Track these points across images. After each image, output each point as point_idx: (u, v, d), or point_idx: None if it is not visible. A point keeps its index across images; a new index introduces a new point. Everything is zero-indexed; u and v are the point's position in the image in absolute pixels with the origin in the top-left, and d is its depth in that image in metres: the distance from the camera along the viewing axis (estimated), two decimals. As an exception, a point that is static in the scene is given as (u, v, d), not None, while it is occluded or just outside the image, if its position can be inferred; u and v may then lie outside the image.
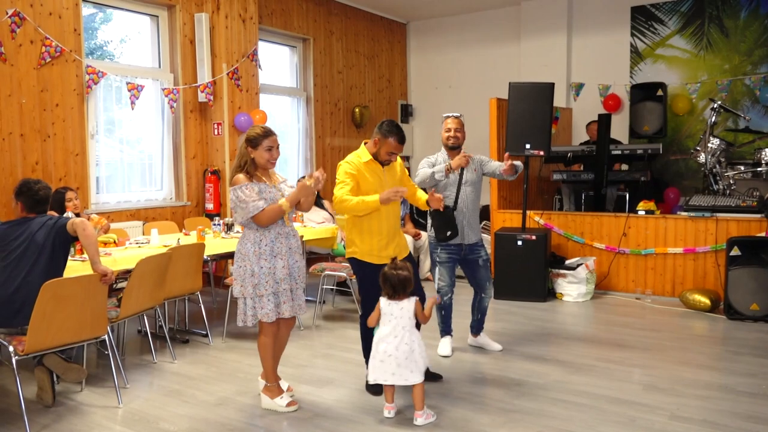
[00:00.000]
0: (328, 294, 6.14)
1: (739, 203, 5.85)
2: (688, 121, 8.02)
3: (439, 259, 4.38)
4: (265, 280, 3.41)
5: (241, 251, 3.45)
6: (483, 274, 4.47)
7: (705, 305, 5.59)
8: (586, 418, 3.40)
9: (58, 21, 5.54)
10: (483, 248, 4.47)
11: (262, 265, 3.41)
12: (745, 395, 3.69)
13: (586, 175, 7.05)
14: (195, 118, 6.73)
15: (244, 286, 3.43)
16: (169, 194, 6.72)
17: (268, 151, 3.45)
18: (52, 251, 3.61)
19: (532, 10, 8.85)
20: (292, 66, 8.49)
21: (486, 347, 4.60)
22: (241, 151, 3.48)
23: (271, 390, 3.59)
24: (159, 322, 4.83)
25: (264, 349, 3.55)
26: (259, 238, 3.43)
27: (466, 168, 4.33)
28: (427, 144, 9.96)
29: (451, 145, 4.40)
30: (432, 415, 3.39)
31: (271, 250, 3.44)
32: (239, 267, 3.45)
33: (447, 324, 4.56)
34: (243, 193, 3.35)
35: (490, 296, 4.56)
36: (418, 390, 3.36)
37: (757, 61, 7.60)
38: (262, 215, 3.36)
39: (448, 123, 4.44)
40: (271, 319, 3.45)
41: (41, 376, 3.63)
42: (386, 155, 3.69)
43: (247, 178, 3.41)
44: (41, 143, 5.45)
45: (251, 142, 3.44)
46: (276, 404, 3.54)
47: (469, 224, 4.38)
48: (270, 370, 3.59)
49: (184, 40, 6.60)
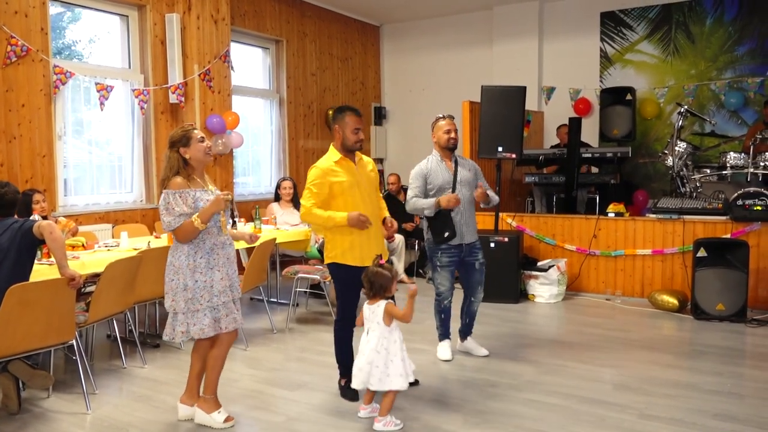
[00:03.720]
0: (301, 297, 6.11)
1: (705, 206, 5.98)
2: (656, 125, 8.19)
3: (440, 263, 4.34)
4: (200, 294, 3.19)
5: (174, 264, 3.21)
6: (477, 278, 4.43)
7: (673, 305, 5.70)
8: (558, 418, 3.43)
9: (24, 20, 5.42)
10: (480, 251, 4.43)
11: (197, 278, 3.19)
12: (711, 394, 3.77)
13: (557, 177, 7.14)
14: (166, 119, 6.64)
15: (175, 301, 3.21)
16: (139, 196, 6.62)
17: (201, 141, 3.23)
18: (18, 255, 3.52)
19: (504, 15, 8.94)
20: (264, 68, 8.44)
21: (472, 352, 4.55)
22: (168, 159, 3.20)
23: (207, 402, 3.38)
24: (129, 326, 4.75)
25: (215, 362, 3.36)
26: (194, 250, 3.20)
27: (460, 166, 4.33)
28: (401, 146, 9.99)
29: (451, 146, 4.35)
30: (395, 424, 3.30)
31: (207, 262, 3.22)
32: (171, 280, 3.22)
33: (446, 328, 4.51)
34: (174, 201, 3.12)
35: (479, 300, 4.50)
36: (386, 396, 3.29)
37: (721, 66, 7.79)
38: (179, 231, 3.13)
39: (445, 124, 4.34)
40: (207, 334, 3.25)
41: (6, 383, 3.54)
42: (353, 135, 3.61)
43: (184, 183, 3.17)
44: (6, 144, 5.32)
45: (181, 142, 3.19)
46: (212, 419, 3.35)
47: (467, 223, 4.34)
48: (213, 382, 3.38)
49: (155, 40, 6.51)
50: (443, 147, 4.36)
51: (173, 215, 3.13)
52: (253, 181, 8.26)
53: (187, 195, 3.16)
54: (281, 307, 6.05)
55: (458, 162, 4.40)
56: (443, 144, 4.35)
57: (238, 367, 4.31)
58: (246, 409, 3.59)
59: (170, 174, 3.19)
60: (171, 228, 3.15)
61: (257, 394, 3.86)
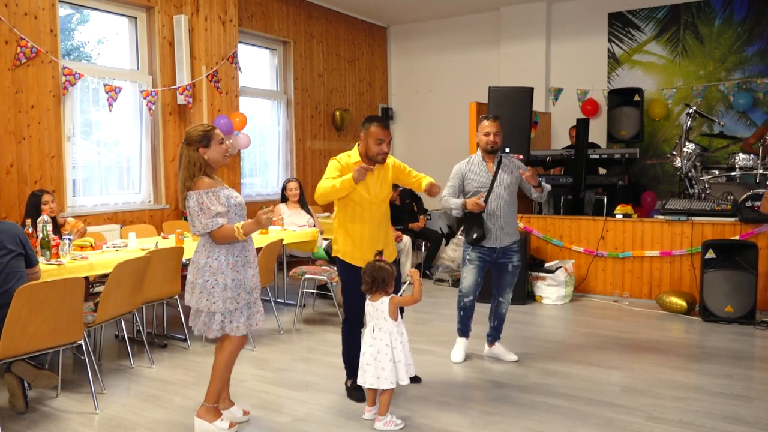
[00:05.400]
0: (308, 297, 6.12)
1: (714, 207, 5.94)
2: (665, 126, 8.15)
3: (468, 257, 4.29)
4: (237, 292, 3.16)
5: (212, 265, 3.12)
6: (507, 280, 4.34)
7: (681, 307, 5.67)
8: (565, 420, 3.42)
9: (34, 21, 5.46)
10: (517, 254, 4.33)
11: (234, 277, 3.15)
12: (720, 396, 3.75)
13: (564, 179, 7.12)
14: (174, 120, 6.67)
15: (212, 302, 3.12)
16: (147, 197, 6.65)
17: (221, 144, 3.18)
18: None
19: (511, 16, 8.92)
20: (272, 69, 8.46)
21: (501, 357, 4.44)
22: (189, 158, 3.11)
23: (209, 412, 3.27)
24: (137, 326, 4.77)
25: (225, 366, 3.27)
26: (230, 250, 3.16)
27: (501, 168, 4.25)
28: (408, 147, 9.99)
29: (489, 149, 4.27)
30: (395, 424, 3.30)
31: (241, 260, 3.20)
32: (206, 281, 3.12)
33: (465, 324, 4.43)
34: (209, 200, 3.07)
35: (508, 301, 4.41)
36: (384, 395, 3.30)
37: (730, 67, 7.75)
38: (218, 233, 3.08)
39: (486, 126, 4.24)
40: (243, 332, 3.23)
41: (11, 382, 3.56)
42: (375, 146, 3.60)
43: (212, 182, 3.13)
44: (16, 145, 5.36)
45: (201, 142, 3.12)
46: (217, 428, 3.23)
47: (502, 227, 4.23)
48: (218, 390, 3.28)
49: (163, 41, 6.54)
50: (482, 149, 4.29)
51: (209, 215, 3.06)
52: (260, 182, 8.28)
53: (219, 194, 3.13)
54: (288, 307, 6.06)
55: (501, 164, 4.29)
56: (482, 147, 4.27)
57: (245, 368, 4.32)
58: (253, 410, 3.59)
59: (196, 172, 3.11)
60: (208, 230, 3.07)
61: (264, 394, 3.86)
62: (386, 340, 3.26)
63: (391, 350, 3.24)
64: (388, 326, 3.28)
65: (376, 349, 3.26)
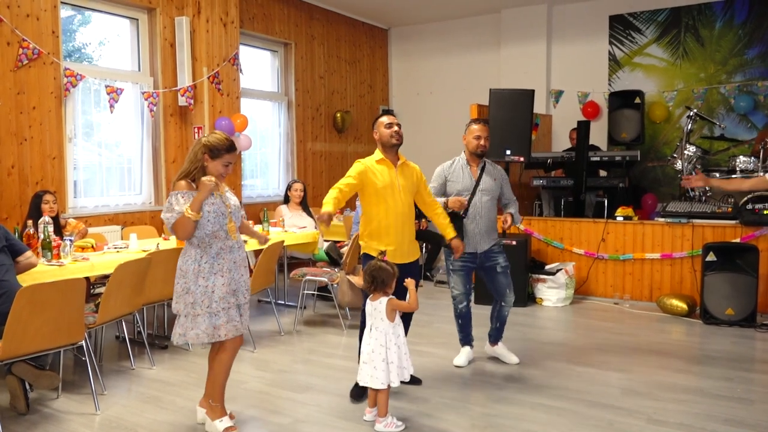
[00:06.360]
0: (309, 299, 6.12)
1: (714, 210, 5.94)
2: (665, 128, 8.15)
3: (452, 267, 4.28)
4: (200, 299, 3.17)
5: (182, 268, 3.22)
6: (502, 281, 4.30)
7: (682, 310, 5.67)
8: (565, 423, 3.42)
9: (36, 23, 5.47)
10: (501, 255, 4.30)
11: (199, 283, 3.17)
12: (720, 399, 3.75)
13: (565, 181, 7.12)
14: (175, 122, 6.68)
15: (178, 304, 3.22)
16: (148, 198, 6.65)
17: (225, 166, 3.21)
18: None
19: (512, 18, 8.93)
20: (273, 70, 8.47)
21: (502, 358, 4.44)
22: (195, 155, 3.20)
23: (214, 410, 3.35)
24: (137, 327, 4.77)
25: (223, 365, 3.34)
26: (200, 255, 3.19)
27: (484, 173, 4.26)
28: (409, 149, 9.96)
29: (479, 152, 4.25)
30: (396, 425, 3.31)
31: (211, 267, 3.19)
32: (177, 283, 3.23)
33: (465, 333, 4.42)
34: (176, 200, 3.13)
35: (510, 304, 4.35)
36: (380, 396, 3.30)
37: (731, 70, 7.75)
38: (176, 226, 3.12)
39: (476, 130, 4.24)
40: (202, 341, 3.22)
41: (12, 384, 3.57)
42: (386, 129, 3.74)
43: (188, 186, 3.16)
44: (18, 146, 5.37)
45: (212, 151, 3.17)
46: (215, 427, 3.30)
47: (481, 233, 4.22)
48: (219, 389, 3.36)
49: (164, 43, 6.55)
50: (471, 152, 4.28)
51: (172, 212, 3.13)
52: (261, 183, 8.29)
53: (189, 196, 3.16)
54: (289, 309, 6.06)
55: (485, 169, 4.30)
56: (472, 149, 4.27)
57: (245, 369, 4.32)
58: (253, 411, 3.60)
59: (190, 169, 3.19)
60: (169, 223, 3.14)
61: (264, 395, 3.87)
62: (381, 340, 3.26)
63: (385, 351, 3.25)
64: (383, 326, 3.29)
65: (371, 348, 3.27)
